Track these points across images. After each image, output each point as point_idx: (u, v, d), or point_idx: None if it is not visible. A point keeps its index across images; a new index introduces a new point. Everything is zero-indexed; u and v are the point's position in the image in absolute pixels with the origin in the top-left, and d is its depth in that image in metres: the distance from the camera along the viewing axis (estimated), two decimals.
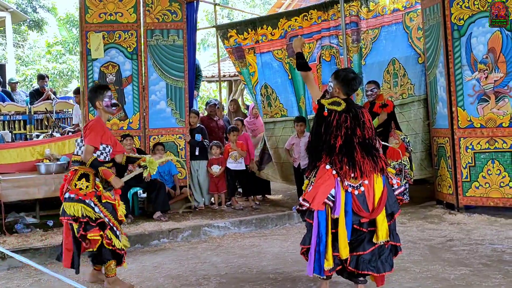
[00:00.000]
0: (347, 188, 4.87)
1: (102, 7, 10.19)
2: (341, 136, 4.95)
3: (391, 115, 9.10)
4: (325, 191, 4.88)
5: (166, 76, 10.32)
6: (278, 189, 12.26)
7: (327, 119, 5.02)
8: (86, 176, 5.72)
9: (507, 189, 8.48)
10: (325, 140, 5.00)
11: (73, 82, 29.41)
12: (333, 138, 4.97)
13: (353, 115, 5.04)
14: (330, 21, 10.45)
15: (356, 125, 5.00)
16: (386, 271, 4.95)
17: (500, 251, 6.61)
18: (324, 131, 5.02)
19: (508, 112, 8.45)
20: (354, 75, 5.26)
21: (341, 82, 5.18)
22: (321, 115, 5.07)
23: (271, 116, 11.40)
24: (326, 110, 5.03)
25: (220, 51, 13.36)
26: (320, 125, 5.06)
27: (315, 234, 4.90)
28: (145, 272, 6.29)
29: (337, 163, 4.91)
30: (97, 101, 5.90)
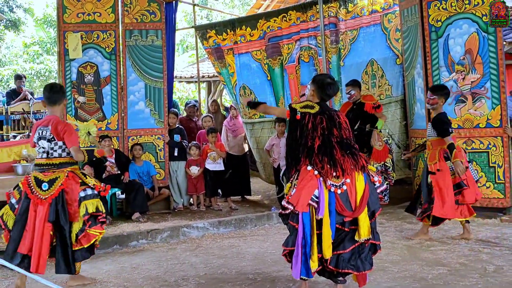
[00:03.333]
0: (330, 187, 4.87)
1: (80, 7, 10.12)
2: (318, 137, 4.97)
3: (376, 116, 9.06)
4: (308, 192, 4.87)
5: (144, 77, 10.28)
6: (257, 190, 12.27)
7: (301, 123, 5.03)
8: (84, 174, 5.96)
9: (483, 189, 8.55)
10: (301, 143, 5.02)
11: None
12: (310, 139, 4.98)
13: (328, 116, 5.07)
14: (309, 22, 10.49)
15: (332, 126, 5.03)
16: (366, 270, 4.97)
17: (477, 251, 6.66)
18: (299, 134, 5.03)
19: (485, 113, 8.53)
20: (331, 81, 5.25)
21: (317, 86, 5.21)
22: (294, 119, 5.08)
23: (249, 117, 11.41)
24: (298, 113, 5.05)
25: (199, 52, 13.35)
26: (294, 129, 5.09)
27: (301, 236, 4.90)
28: (124, 273, 6.26)
29: (318, 163, 4.91)
30: (64, 100, 6.08)
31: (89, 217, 5.75)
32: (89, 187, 5.85)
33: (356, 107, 8.92)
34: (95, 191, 5.87)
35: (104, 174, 9.50)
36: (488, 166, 8.55)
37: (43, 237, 5.66)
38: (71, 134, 5.78)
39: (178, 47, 29.49)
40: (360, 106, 8.87)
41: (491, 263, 6.11)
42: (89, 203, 5.78)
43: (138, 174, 9.97)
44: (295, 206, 4.89)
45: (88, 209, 5.75)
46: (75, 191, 5.78)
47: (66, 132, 5.76)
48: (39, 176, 5.81)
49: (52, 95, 5.97)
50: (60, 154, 5.84)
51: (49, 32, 31.62)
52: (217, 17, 29.65)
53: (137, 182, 9.69)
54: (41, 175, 5.81)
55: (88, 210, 5.74)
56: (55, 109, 5.98)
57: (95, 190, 5.88)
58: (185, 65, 23.58)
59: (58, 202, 5.71)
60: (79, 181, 5.85)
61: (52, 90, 6.02)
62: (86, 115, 10.12)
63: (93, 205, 5.78)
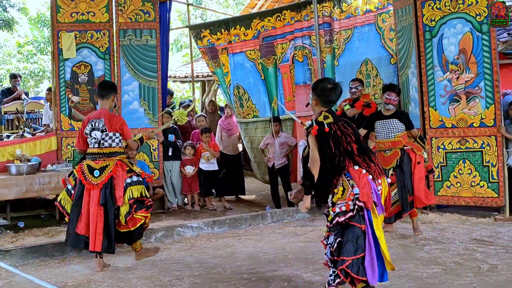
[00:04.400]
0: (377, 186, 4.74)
1: (74, 7, 10.10)
2: (353, 141, 4.75)
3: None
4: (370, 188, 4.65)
5: (139, 76, 10.25)
6: (251, 189, 12.27)
7: (330, 134, 4.70)
8: (131, 163, 6.65)
9: (478, 188, 8.58)
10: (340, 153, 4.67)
11: (45, 82, 29.10)
12: (347, 145, 4.72)
13: (345, 121, 4.92)
14: (303, 21, 10.49)
15: (355, 130, 4.88)
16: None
17: (472, 250, 6.67)
18: (334, 146, 4.67)
19: (479, 112, 8.54)
20: (332, 85, 4.92)
21: (318, 94, 4.92)
22: (324, 133, 4.69)
23: (243, 116, 11.41)
24: (326, 126, 4.72)
25: (193, 52, 13.32)
26: (327, 143, 4.68)
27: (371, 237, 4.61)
28: (118, 273, 6.24)
29: (362, 162, 4.72)
30: (113, 95, 6.68)
31: (134, 201, 6.32)
32: (135, 174, 6.48)
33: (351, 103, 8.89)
34: (140, 178, 6.51)
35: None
36: (482, 166, 8.56)
37: (97, 219, 6.25)
38: (128, 127, 6.60)
39: (172, 47, 29.47)
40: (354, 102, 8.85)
41: (485, 262, 6.12)
42: (134, 188, 6.38)
43: None
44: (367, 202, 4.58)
45: (133, 194, 6.34)
46: (122, 177, 6.37)
47: (123, 124, 6.52)
48: (91, 164, 6.42)
49: (102, 91, 6.66)
50: (110, 144, 6.46)
51: (43, 31, 31.52)
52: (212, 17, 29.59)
53: None
54: (93, 163, 6.43)
55: (133, 195, 6.33)
56: (105, 103, 6.60)
57: (141, 177, 6.52)
58: (179, 64, 23.54)
59: (107, 187, 6.30)
60: (127, 169, 6.46)
61: (102, 86, 6.78)
62: (80, 114, 10.08)
63: (137, 190, 6.38)
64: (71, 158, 9.95)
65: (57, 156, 9.95)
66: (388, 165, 7.37)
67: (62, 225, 9.03)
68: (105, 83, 7.12)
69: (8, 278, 6.14)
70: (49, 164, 9.44)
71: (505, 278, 5.56)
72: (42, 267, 6.67)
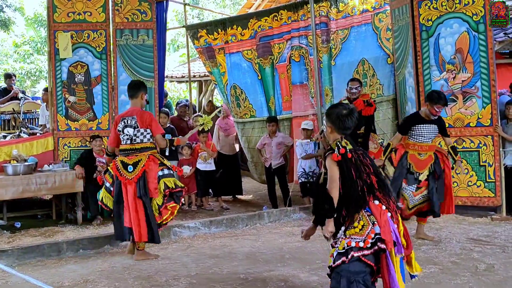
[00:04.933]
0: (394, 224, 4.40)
1: (71, 6, 10.10)
2: (372, 173, 4.45)
3: (371, 117, 8.97)
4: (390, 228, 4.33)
5: (135, 76, 10.24)
6: (248, 189, 12.26)
7: (351, 161, 4.40)
8: (161, 157, 7.00)
9: (474, 188, 8.59)
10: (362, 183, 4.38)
11: (41, 83, 29.08)
12: (367, 177, 4.41)
13: (363, 151, 4.60)
14: (300, 21, 10.49)
15: (371, 162, 4.56)
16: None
17: (469, 249, 6.68)
18: (356, 174, 4.37)
19: (475, 112, 8.56)
20: (348, 111, 4.55)
21: (333, 121, 4.56)
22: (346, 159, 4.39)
23: (240, 116, 11.40)
24: (348, 151, 4.42)
25: (190, 51, 13.31)
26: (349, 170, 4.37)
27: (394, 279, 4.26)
28: (115, 273, 6.23)
29: (382, 198, 4.39)
30: (142, 93, 7.03)
31: (168, 192, 6.79)
32: (166, 167, 6.90)
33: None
34: (171, 171, 6.94)
35: (94, 174, 9.46)
36: (478, 165, 8.57)
37: (138, 211, 6.73)
38: (157, 123, 6.99)
39: (169, 47, 29.46)
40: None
41: (482, 262, 6.13)
42: (166, 180, 6.82)
43: None
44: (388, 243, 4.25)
45: (167, 185, 6.80)
46: (154, 171, 6.79)
47: (152, 121, 6.89)
48: (125, 160, 6.83)
49: (130, 91, 7.09)
50: (142, 140, 6.85)
51: (39, 31, 31.49)
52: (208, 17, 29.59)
53: None
54: (126, 158, 6.83)
55: (167, 185, 6.80)
56: (136, 102, 7.03)
57: (172, 170, 6.96)
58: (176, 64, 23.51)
59: (141, 180, 6.71)
60: (158, 162, 6.86)
61: (129, 87, 7.18)
62: (76, 115, 10.08)
63: (170, 182, 6.82)
64: (68, 158, 9.94)
65: (54, 156, 9.95)
66: (422, 169, 7.24)
67: (59, 225, 9.04)
68: (131, 83, 7.39)
69: (5, 278, 6.12)
70: (45, 164, 9.44)
71: (502, 277, 5.58)
72: (39, 267, 6.65)
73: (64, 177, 9.04)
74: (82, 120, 10.10)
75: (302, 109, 10.53)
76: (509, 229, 7.75)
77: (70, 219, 9.41)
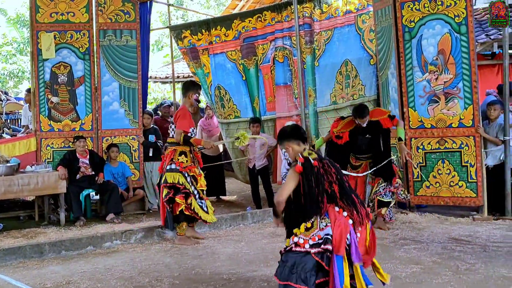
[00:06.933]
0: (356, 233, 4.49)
1: (54, 7, 10.05)
2: (334, 182, 4.56)
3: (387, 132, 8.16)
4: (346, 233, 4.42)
5: (119, 77, 10.22)
6: (232, 190, 12.26)
7: (314, 170, 4.53)
8: (185, 153, 7.52)
9: (456, 188, 8.65)
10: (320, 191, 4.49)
11: (24, 83, 28.90)
12: (328, 186, 4.53)
13: (329, 160, 4.72)
14: (284, 22, 10.50)
15: (338, 170, 4.67)
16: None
17: (450, 249, 6.73)
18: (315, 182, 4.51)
19: (457, 112, 8.61)
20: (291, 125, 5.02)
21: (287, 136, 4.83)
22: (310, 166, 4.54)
23: (224, 117, 11.40)
24: (312, 160, 4.56)
25: (174, 52, 13.29)
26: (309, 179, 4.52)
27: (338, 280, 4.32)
28: (97, 274, 6.21)
29: (345, 206, 4.50)
30: (190, 92, 7.72)
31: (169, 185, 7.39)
32: (176, 163, 7.44)
33: (367, 128, 8.00)
34: (178, 167, 7.43)
35: (78, 174, 9.43)
36: (460, 166, 8.63)
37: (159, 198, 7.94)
38: (183, 120, 7.47)
39: (153, 48, 29.38)
40: (374, 126, 8.01)
41: (463, 261, 6.18)
42: (169, 175, 7.42)
43: (113, 175, 9.91)
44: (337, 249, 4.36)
45: (167, 179, 7.39)
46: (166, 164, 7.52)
47: (179, 117, 7.49)
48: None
49: (182, 90, 8.04)
50: (173, 135, 7.72)
51: (22, 32, 31.28)
52: (193, 18, 29.53)
53: (111, 183, 9.63)
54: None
55: (167, 180, 7.39)
56: (184, 101, 7.82)
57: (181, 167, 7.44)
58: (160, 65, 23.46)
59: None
60: (172, 157, 7.47)
61: (182, 86, 8.08)
62: (59, 115, 10.04)
63: (172, 177, 7.38)
64: (51, 159, 9.89)
65: (37, 157, 9.90)
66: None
67: (41, 226, 8.99)
68: (184, 83, 8.16)
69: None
70: (28, 165, 9.36)
71: (483, 276, 5.62)
72: (20, 268, 6.62)
73: (47, 178, 8.99)
74: (65, 121, 10.05)
75: (286, 109, 10.55)
76: (490, 228, 7.81)
77: (53, 220, 9.36)
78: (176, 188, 7.41)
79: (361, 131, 8.04)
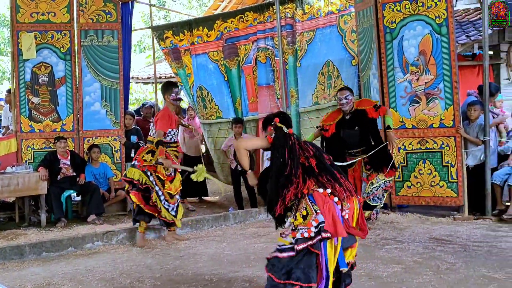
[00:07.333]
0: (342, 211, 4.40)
1: (34, 7, 9.99)
2: (311, 156, 4.49)
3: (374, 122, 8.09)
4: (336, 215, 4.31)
5: (100, 77, 10.19)
6: (215, 191, 12.24)
7: (288, 143, 4.51)
8: (153, 153, 7.53)
9: (437, 188, 8.70)
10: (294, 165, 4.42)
11: (4, 84, 28.66)
12: (305, 159, 4.47)
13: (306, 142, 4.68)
14: (266, 23, 10.51)
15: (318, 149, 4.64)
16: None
17: (431, 249, 6.76)
18: (289, 156, 4.46)
19: (438, 113, 8.66)
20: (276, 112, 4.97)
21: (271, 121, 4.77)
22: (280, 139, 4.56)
23: (206, 118, 11.39)
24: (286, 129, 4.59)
25: (156, 53, 13.26)
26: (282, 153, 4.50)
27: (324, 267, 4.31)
28: (78, 276, 6.17)
29: (327, 183, 4.39)
30: (166, 94, 7.70)
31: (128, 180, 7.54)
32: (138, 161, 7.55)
33: (352, 117, 7.97)
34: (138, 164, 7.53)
35: (59, 175, 9.37)
36: (441, 166, 8.68)
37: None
38: (161, 121, 7.52)
39: (135, 48, 29.29)
40: (360, 115, 7.94)
41: (444, 261, 6.20)
42: (130, 170, 7.59)
43: (94, 176, 9.87)
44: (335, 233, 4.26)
45: (127, 173, 7.58)
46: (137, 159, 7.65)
47: (159, 118, 7.56)
48: None
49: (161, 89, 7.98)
50: (152, 134, 7.75)
51: (2, 32, 31.01)
52: (175, 18, 29.45)
53: (92, 184, 9.58)
54: None
55: (126, 174, 7.59)
56: (165, 102, 7.82)
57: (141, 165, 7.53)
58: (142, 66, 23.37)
59: None
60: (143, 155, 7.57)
61: (161, 85, 8.04)
62: (40, 116, 9.98)
63: (132, 173, 7.49)
64: (31, 160, 9.84)
65: (17, 158, 9.84)
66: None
67: (21, 228, 8.93)
68: (161, 87, 8.14)
69: None
70: (8, 166, 9.30)
71: (463, 276, 5.65)
72: (0, 270, 6.56)
73: (28, 179, 8.93)
74: (46, 121, 10.00)
75: (268, 110, 10.54)
76: (470, 228, 7.86)
77: (34, 221, 9.30)
78: (134, 184, 7.51)
79: (347, 123, 7.95)
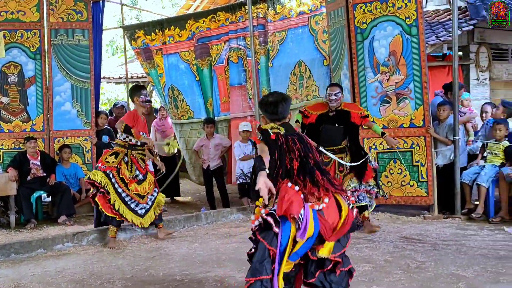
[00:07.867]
0: (313, 206, 4.27)
1: (3, 5, 9.89)
2: (296, 158, 4.43)
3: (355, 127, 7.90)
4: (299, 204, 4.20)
5: (71, 77, 10.11)
6: (186, 191, 12.22)
7: (276, 143, 4.45)
8: (116, 155, 7.63)
9: (408, 187, 8.77)
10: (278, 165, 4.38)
11: None
12: (289, 162, 4.41)
13: (298, 138, 4.59)
14: (238, 23, 10.52)
15: (305, 147, 4.54)
16: None
17: (401, 248, 6.82)
18: (278, 156, 4.40)
19: (408, 113, 8.73)
20: (273, 98, 4.66)
21: (261, 108, 4.76)
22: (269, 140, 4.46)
23: (178, 118, 11.36)
24: (271, 132, 4.48)
25: (128, 53, 13.18)
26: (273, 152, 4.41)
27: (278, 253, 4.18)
28: (48, 277, 6.11)
29: (299, 182, 4.32)
30: (134, 97, 7.71)
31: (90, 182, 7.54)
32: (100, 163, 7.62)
33: (336, 115, 7.74)
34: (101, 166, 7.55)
35: (29, 176, 9.27)
36: (411, 165, 8.75)
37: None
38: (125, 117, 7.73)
39: (108, 48, 29.09)
40: (344, 115, 7.71)
41: (414, 260, 6.26)
42: (93, 172, 7.62)
43: (65, 176, 9.79)
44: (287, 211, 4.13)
45: (90, 176, 7.57)
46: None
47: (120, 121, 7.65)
48: None
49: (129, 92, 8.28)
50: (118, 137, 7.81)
51: None
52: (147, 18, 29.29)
53: (63, 184, 9.50)
54: None
55: (90, 176, 7.57)
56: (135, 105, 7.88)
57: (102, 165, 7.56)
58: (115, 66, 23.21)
59: None
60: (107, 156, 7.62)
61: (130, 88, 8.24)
62: (10, 116, 9.88)
63: (95, 175, 7.48)
64: (1, 161, 9.75)
65: None
66: None
67: None
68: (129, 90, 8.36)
69: None
70: None
71: (432, 274, 5.71)
72: None
73: None
74: (15, 121, 9.90)
75: (240, 110, 10.57)
76: (440, 227, 7.95)
77: (3, 223, 9.18)
78: (97, 187, 7.51)
79: (330, 119, 7.72)
